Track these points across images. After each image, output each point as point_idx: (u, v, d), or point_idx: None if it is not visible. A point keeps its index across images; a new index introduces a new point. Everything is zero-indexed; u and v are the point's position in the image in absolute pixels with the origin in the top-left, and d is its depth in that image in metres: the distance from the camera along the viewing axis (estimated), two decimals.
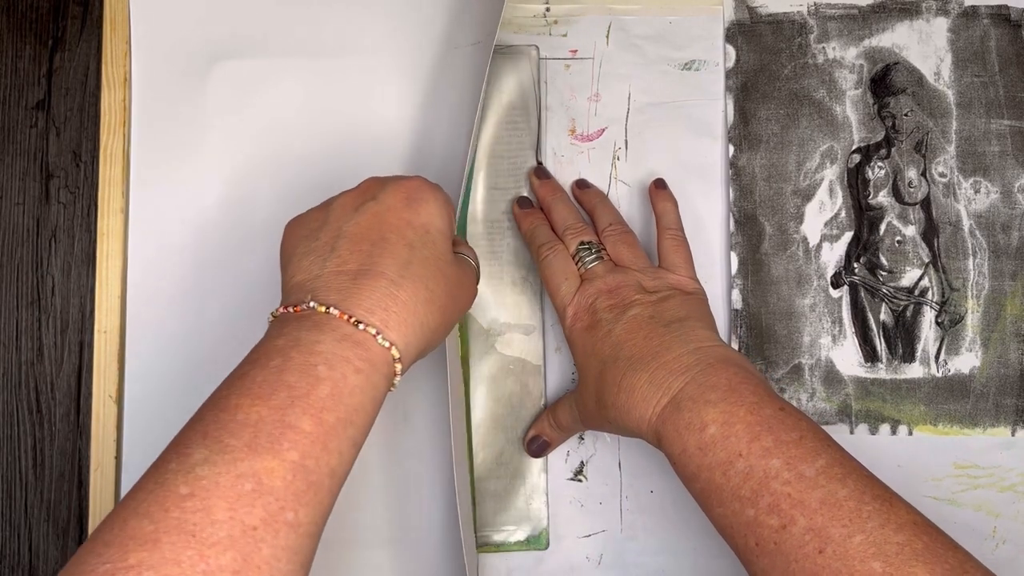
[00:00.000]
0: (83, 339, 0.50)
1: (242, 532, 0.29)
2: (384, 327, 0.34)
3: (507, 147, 0.52)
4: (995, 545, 0.51)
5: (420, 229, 0.38)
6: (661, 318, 0.43)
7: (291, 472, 0.31)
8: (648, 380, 0.41)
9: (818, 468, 0.36)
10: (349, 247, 0.36)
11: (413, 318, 0.35)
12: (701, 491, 0.38)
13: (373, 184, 0.39)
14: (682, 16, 0.54)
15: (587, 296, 0.46)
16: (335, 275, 0.35)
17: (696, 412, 0.38)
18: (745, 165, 0.53)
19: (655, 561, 0.50)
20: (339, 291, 0.35)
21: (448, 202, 0.40)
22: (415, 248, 0.37)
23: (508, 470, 0.50)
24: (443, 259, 0.38)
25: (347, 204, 0.39)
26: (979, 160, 0.53)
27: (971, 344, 0.52)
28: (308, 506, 0.31)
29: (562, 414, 0.48)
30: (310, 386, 0.32)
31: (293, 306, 0.35)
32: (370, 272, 0.35)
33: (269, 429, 0.31)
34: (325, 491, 0.32)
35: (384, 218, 0.37)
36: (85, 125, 0.52)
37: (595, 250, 0.47)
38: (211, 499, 0.29)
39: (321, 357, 0.33)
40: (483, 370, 0.51)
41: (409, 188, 0.39)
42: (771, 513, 0.35)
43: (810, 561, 0.34)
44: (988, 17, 0.54)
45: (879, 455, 0.51)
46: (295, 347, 0.33)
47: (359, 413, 0.33)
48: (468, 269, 0.41)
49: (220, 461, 0.30)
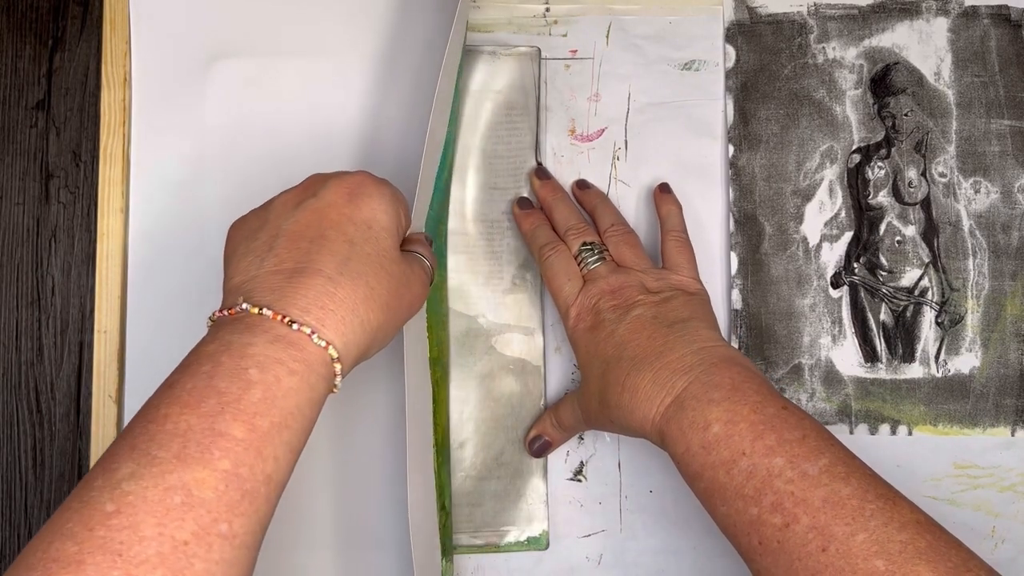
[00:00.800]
0: (83, 339, 0.50)
1: (172, 548, 0.28)
2: (320, 326, 0.33)
3: (507, 147, 0.52)
4: (994, 545, 0.51)
5: (362, 225, 0.36)
6: (664, 318, 0.43)
7: (223, 482, 0.29)
8: (652, 380, 0.41)
9: (821, 467, 0.36)
10: (287, 246, 0.35)
11: (352, 316, 0.34)
12: (704, 490, 0.39)
13: (315, 180, 0.38)
14: (682, 16, 0.54)
15: (590, 297, 0.46)
16: (271, 275, 0.34)
17: (699, 411, 0.38)
18: (745, 165, 0.53)
19: (655, 561, 0.50)
20: (274, 291, 0.34)
21: (395, 198, 0.38)
22: (355, 244, 0.36)
23: (508, 470, 0.50)
24: (387, 256, 0.37)
25: (288, 202, 0.38)
26: (979, 160, 0.53)
27: (971, 344, 0.52)
28: (243, 516, 0.30)
29: (564, 414, 0.48)
30: (241, 391, 0.31)
31: (228, 309, 0.34)
32: (306, 270, 0.34)
33: (199, 438, 0.30)
34: (262, 499, 0.31)
35: (324, 214, 0.36)
36: (85, 125, 0.52)
37: (597, 251, 0.47)
38: (138, 515, 0.28)
39: (253, 360, 0.32)
40: (482, 370, 0.51)
41: (352, 183, 0.38)
42: (774, 511, 0.35)
43: (813, 559, 0.34)
44: (988, 17, 0.54)
45: (879, 455, 0.51)
46: (226, 351, 0.32)
47: (295, 416, 0.32)
48: (417, 267, 0.40)
49: (147, 474, 0.29)
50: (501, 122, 0.52)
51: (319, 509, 0.49)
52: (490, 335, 0.51)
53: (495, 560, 0.50)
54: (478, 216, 0.52)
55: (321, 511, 0.49)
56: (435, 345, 0.47)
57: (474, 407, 0.51)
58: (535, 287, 0.52)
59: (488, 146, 0.52)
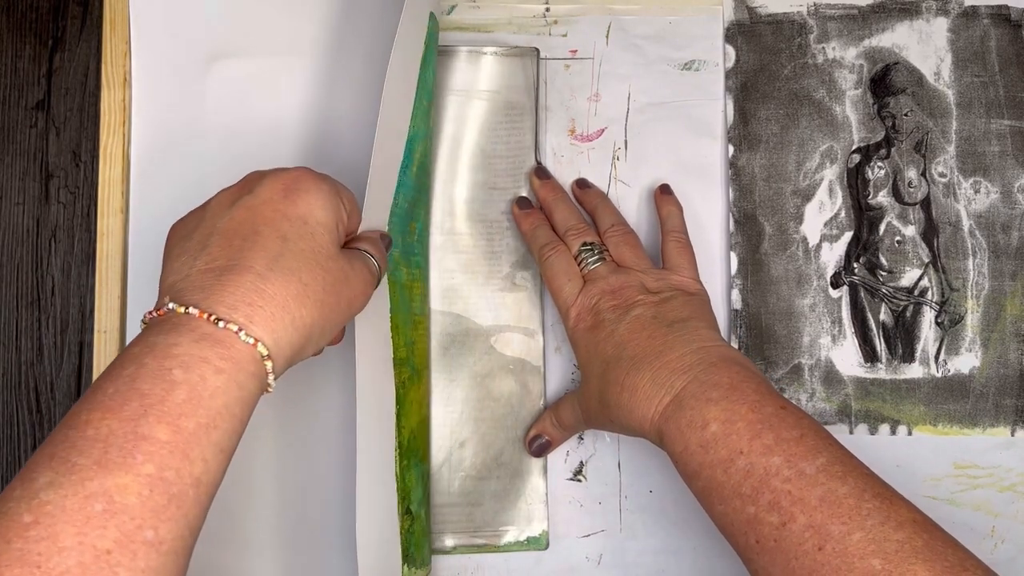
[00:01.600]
0: (83, 339, 0.50)
1: (94, 558, 0.27)
2: (248, 323, 0.32)
3: (506, 147, 0.52)
4: (994, 545, 0.51)
5: (297, 221, 0.36)
6: (664, 318, 0.43)
7: (147, 487, 0.28)
8: (651, 379, 0.41)
9: (818, 466, 0.36)
10: (220, 244, 0.35)
11: (283, 313, 0.33)
12: (702, 489, 0.39)
13: (253, 177, 0.38)
14: (682, 16, 0.54)
15: (590, 297, 0.46)
16: (202, 273, 0.34)
17: (698, 410, 0.38)
18: (745, 165, 0.53)
19: (655, 561, 0.50)
20: (203, 289, 0.33)
21: (335, 193, 0.38)
22: (289, 241, 0.35)
23: (508, 470, 0.50)
24: (323, 252, 0.36)
25: (224, 200, 0.37)
26: (979, 160, 0.53)
27: (971, 344, 0.52)
28: (170, 521, 0.29)
29: (564, 413, 0.48)
30: (165, 392, 0.30)
31: (156, 310, 0.33)
32: (236, 267, 0.33)
33: (120, 443, 0.29)
34: (190, 503, 0.30)
35: (259, 211, 0.36)
36: (85, 125, 0.52)
37: (597, 251, 0.48)
38: (57, 525, 0.27)
39: (177, 360, 0.31)
40: (482, 370, 0.51)
41: (288, 179, 0.37)
42: (771, 510, 0.35)
43: (809, 558, 0.34)
44: (988, 17, 0.54)
45: (878, 455, 0.51)
46: (150, 352, 0.31)
47: (224, 416, 0.31)
48: (359, 265, 0.38)
49: (66, 483, 0.28)
50: (500, 122, 0.52)
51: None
52: (490, 335, 0.51)
53: (495, 560, 0.50)
54: (478, 216, 0.52)
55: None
56: (403, 346, 0.46)
57: (474, 407, 0.51)
58: (535, 287, 0.52)
59: (488, 146, 0.52)
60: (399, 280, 0.46)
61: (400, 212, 0.46)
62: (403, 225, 0.47)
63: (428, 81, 0.48)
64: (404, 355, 0.46)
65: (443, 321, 0.51)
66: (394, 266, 0.45)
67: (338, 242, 0.37)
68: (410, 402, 0.46)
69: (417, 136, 0.46)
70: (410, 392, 0.46)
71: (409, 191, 0.47)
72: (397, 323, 0.45)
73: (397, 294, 0.45)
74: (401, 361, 0.45)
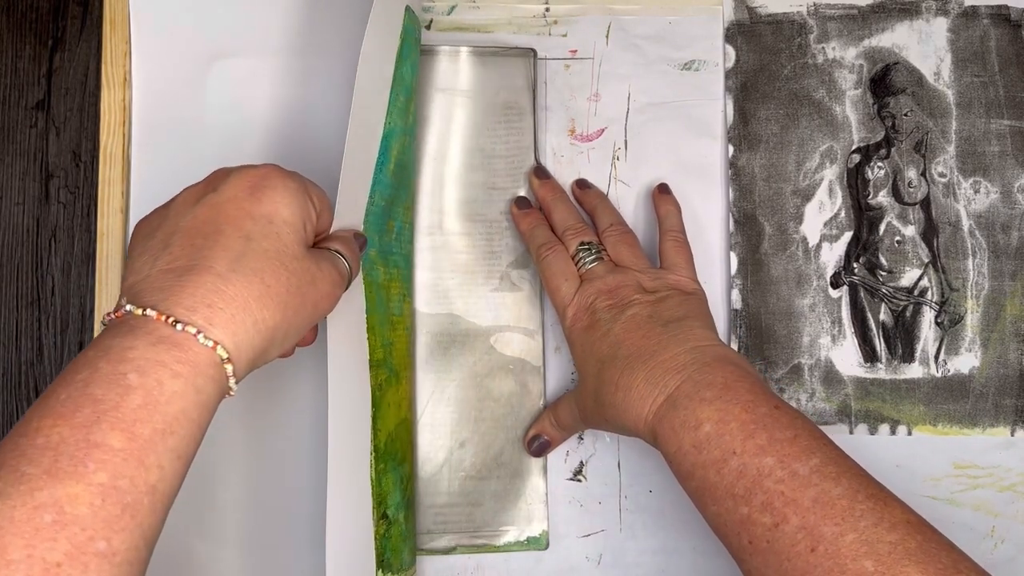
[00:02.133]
0: (83, 339, 0.50)
1: (43, 571, 0.26)
2: (208, 325, 0.31)
3: (505, 147, 0.52)
4: (994, 545, 0.51)
5: (262, 219, 0.35)
6: (659, 317, 0.43)
7: (100, 496, 0.27)
8: (645, 378, 0.41)
9: (812, 467, 0.35)
10: (182, 243, 0.34)
11: (244, 315, 0.33)
12: (696, 489, 0.38)
13: (218, 175, 0.37)
14: (682, 16, 0.54)
15: (587, 296, 0.46)
16: (162, 274, 0.33)
17: (691, 410, 0.38)
18: (745, 165, 0.53)
19: (655, 561, 0.50)
20: (162, 290, 0.32)
21: (302, 191, 0.37)
22: (252, 240, 0.34)
23: (508, 470, 0.50)
24: (288, 252, 0.35)
25: (188, 198, 0.36)
26: (979, 160, 0.53)
27: (971, 344, 0.52)
28: (124, 531, 0.28)
29: (563, 413, 0.48)
30: (119, 397, 0.29)
31: (115, 311, 0.32)
32: (196, 267, 0.33)
33: (71, 451, 0.28)
34: (145, 512, 0.29)
35: (222, 209, 0.35)
36: (85, 125, 0.52)
37: (595, 250, 0.48)
38: (5, 537, 0.26)
39: (132, 364, 0.30)
40: (482, 370, 0.51)
41: (254, 176, 0.36)
42: (764, 511, 0.35)
43: (802, 560, 0.34)
44: (988, 17, 0.54)
45: (878, 455, 0.51)
46: (104, 356, 0.30)
47: (180, 421, 0.30)
48: (327, 265, 0.37)
49: (15, 493, 0.27)
50: (499, 122, 0.52)
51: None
52: (489, 335, 0.51)
53: (495, 560, 0.50)
54: (477, 216, 0.52)
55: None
56: (380, 347, 0.45)
57: (474, 407, 0.51)
58: (534, 287, 0.52)
59: (487, 146, 0.52)
60: (376, 280, 0.45)
61: (377, 211, 0.45)
62: (380, 224, 0.46)
63: (406, 77, 0.47)
64: (381, 356, 0.45)
65: (443, 321, 0.51)
66: (370, 266, 0.44)
67: (305, 242, 0.36)
68: (387, 404, 0.45)
69: (394, 133, 0.45)
70: (387, 394, 0.45)
71: (386, 189, 0.46)
72: (373, 324, 0.44)
73: (374, 294, 0.44)
74: (378, 363, 0.44)
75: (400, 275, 0.48)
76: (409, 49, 0.47)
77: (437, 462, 0.50)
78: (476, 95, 0.52)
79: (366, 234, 0.43)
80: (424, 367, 0.51)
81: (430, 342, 0.51)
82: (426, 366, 0.51)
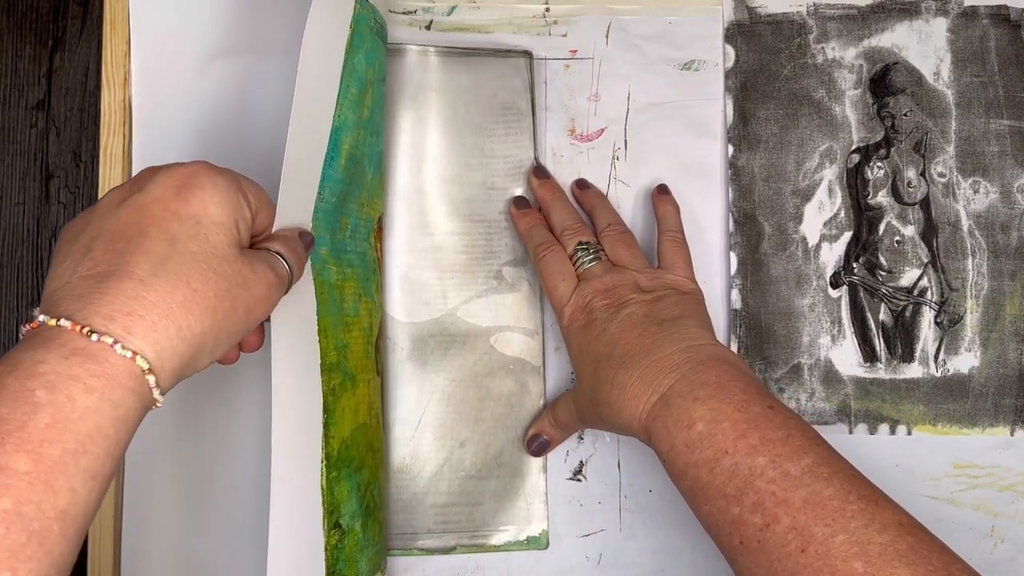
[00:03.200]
0: None
1: None
2: (126, 334, 0.30)
3: (503, 147, 0.52)
4: (993, 544, 0.51)
5: (189, 220, 0.33)
6: (655, 317, 0.43)
7: (3, 524, 0.26)
8: (639, 377, 0.41)
9: (804, 467, 0.35)
10: (104, 247, 0.32)
11: (167, 322, 0.31)
12: (688, 489, 0.38)
13: (144, 174, 0.35)
14: (682, 16, 0.54)
15: (584, 296, 0.46)
16: (82, 280, 0.31)
17: (684, 409, 0.38)
18: (744, 165, 0.53)
19: (654, 560, 0.50)
20: (81, 298, 0.30)
21: (234, 189, 0.35)
22: (178, 242, 0.32)
23: (508, 469, 0.50)
24: (217, 254, 0.33)
25: (113, 200, 0.34)
26: (978, 160, 0.53)
27: (970, 344, 0.52)
28: (32, 560, 0.26)
29: (561, 412, 0.48)
30: (26, 416, 0.27)
31: (30, 322, 0.30)
32: (117, 273, 0.31)
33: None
34: (55, 538, 0.27)
35: (147, 211, 0.33)
36: (85, 125, 0.52)
37: (593, 250, 0.48)
38: None
39: (41, 380, 0.28)
40: (481, 370, 0.51)
41: (182, 175, 0.34)
42: (755, 511, 0.35)
43: (792, 560, 0.34)
44: (987, 17, 0.54)
45: (878, 455, 0.51)
46: (12, 372, 0.28)
47: (94, 439, 0.28)
48: (262, 267, 0.35)
49: None
50: (497, 122, 0.52)
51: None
52: (489, 335, 0.51)
53: (495, 559, 0.50)
54: (476, 216, 0.52)
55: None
56: (333, 350, 0.42)
57: (474, 407, 0.51)
58: (534, 287, 0.52)
59: (486, 146, 0.52)
60: (328, 280, 0.43)
61: (328, 207, 0.43)
62: (332, 221, 0.44)
63: (358, 68, 0.44)
64: (335, 360, 0.43)
65: (442, 321, 0.51)
66: (322, 265, 0.42)
67: (237, 242, 0.34)
68: (342, 410, 0.43)
69: (345, 126, 0.43)
70: (342, 399, 0.43)
71: (337, 185, 0.43)
72: (326, 326, 0.42)
73: (326, 295, 0.42)
74: (331, 366, 0.42)
75: (355, 274, 0.46)
76: (361, 39, 0.45)
77: (437, 462, 0.50)
78: (471, 95, 0.52)
79: (317, 232, 0.42)
80: (424, 367, 0.51)
81: (430, 342, 0.51)
82: (426, 366, 0.51)
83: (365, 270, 0.48)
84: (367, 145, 0.47)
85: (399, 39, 0.52)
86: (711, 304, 0.47)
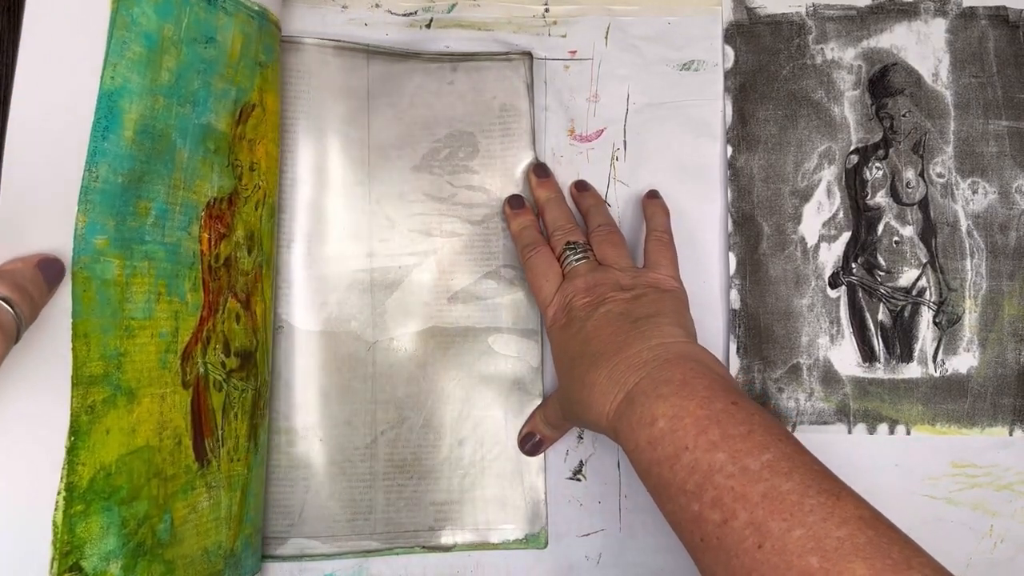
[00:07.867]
0: None
1: None
2: None
3: (502, 147, 0.52)
4: (993, 544, 0.51)
5: None
6: (631, 315, 0.43)
7: None
8: (607, 376, 0.40)
9: (763, 462, 0.35)
10: None
11: None
12: (653, 487, 0.38)
13: None
14: (681, 17, 0.54)
15: (565, 295, 0.46)
16: None
17: (647, 406, 0.38)
18: (743, 166, 0.53)
19: (654, 560, 0.50)
20: None
21: None
22: None
23: (507, 469, 0.51)
24: None
25: None
26: (977, 161, 0.53)
27: (969, 344, 0.52)
28: None
29: (551, 411, 0.48)
30: None
31: None
32: None
33: None
34: None
35: None
36: None
37: (581, 250, 0.48)
38: None
39: None
40: (481, 370, 0.51)
41: None
42: (714, 507, 0.34)
43: (749, 556, 0.33)
44: (986, 18, 0.54)
45: (877, 455, 0.51)
46: None
47: None
48: None
49: None
50: (495, 123, 0.52)
51: None
52: (488, 335, 0.51)
53: (494, 558, 0.50)
54: (475, 216, 0.52)
55: None
56: (97, 359, 0.37)
57: (472, 406, 0.51)
58: None
59: (484, 146, 0.52)
60: (103, 276, 0.37)
61: (108, 188, 0.37)
62: (117, 205, 0.38)
63: (140, 21, 0.38)
64: (99, 371, 0.37)
65: (442, 321, 0.51)
66: (95, 258, 0.37)
67: None
68: (104, 431, 0.37)
69: (125, 91, 0.37)
70: (107, 419, 0.37)
71: (123, 161, 0.37)
72: (87, 331, 0.36)
73: (94, 294, 0.36)
74: (92, 379, 0.36)
75: (154, 269, 0.40)
76: None
77: (437, 461, 0.50)
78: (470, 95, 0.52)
79: (90, 218, 0.36)
80: (424, 367, 0.51)
81: (430, 342, 0.51)
82: (426, 366, 0.51)
83: (175, 264, 0.41)
84: (175, 116, 0.40)
85: (399, 40, 0.52)
86: (710, 304, 0.47)
